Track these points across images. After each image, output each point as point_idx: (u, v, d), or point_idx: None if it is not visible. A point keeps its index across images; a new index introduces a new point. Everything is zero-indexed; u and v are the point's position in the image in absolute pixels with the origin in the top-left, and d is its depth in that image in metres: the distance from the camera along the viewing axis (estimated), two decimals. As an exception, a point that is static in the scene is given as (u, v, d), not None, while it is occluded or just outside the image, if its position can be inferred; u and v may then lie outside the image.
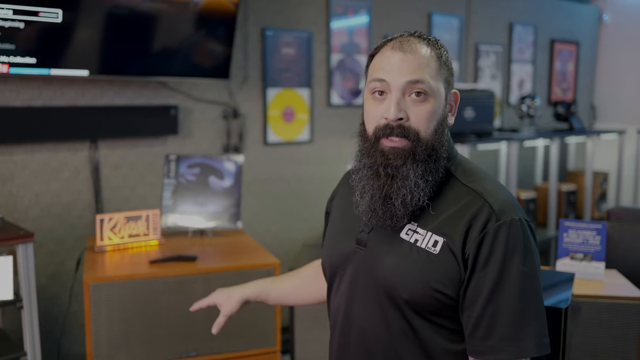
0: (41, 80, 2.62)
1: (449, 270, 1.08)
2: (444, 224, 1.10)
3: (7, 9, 2.27)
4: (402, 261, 1.11)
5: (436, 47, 1.14)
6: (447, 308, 1.10)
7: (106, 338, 1.92)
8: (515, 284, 1.05)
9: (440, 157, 1.12)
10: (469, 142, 3.56)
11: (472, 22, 4.36)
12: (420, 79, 1.09)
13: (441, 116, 1.13)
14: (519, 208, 1.10)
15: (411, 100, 1.10)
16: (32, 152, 2.64)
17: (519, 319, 1.05)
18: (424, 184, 1.10)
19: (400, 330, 1.12)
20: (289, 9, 3.41)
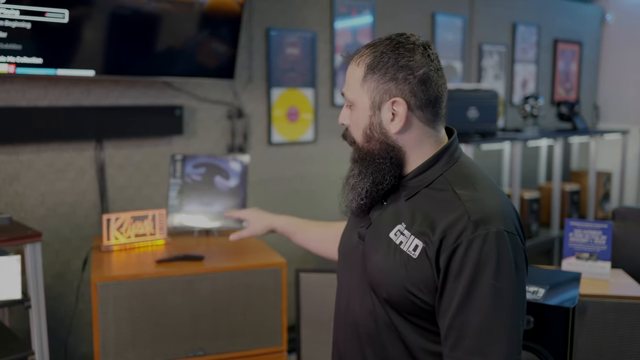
0: (47, 80, 2.62)
1: (425, 276, 1.10)
2: (426, 229, 1.11)
3: (13, 9, 2.28)
4: (385, 261, 1.15)
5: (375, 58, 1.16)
6: (423, 311, 1.12)
7: (114, 337, 1.92)
8: (484, 299, 1.05)
9: (376, 161, 1.18)
10: (472, 142, 3.56)
11: (476, 22, 4.36)
12: (343, 91, 1.23)
13: (367, 124, 1.19)
14: (503, 219, 1.09)
15: (349, 109, 1.24)
16: (37, 152, 2.64)
17: (486, 334, 1.05)
18: (362, 184, 1.19)
19: (385, 324, 1.17)
20: (293, 9, 3.41)
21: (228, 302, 2.04)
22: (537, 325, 1.54)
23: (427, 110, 1.17)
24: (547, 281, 1.70)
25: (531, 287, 1.64)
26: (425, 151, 1.19)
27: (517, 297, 1.07)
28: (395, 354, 1.16)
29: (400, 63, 1.14)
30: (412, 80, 1.14)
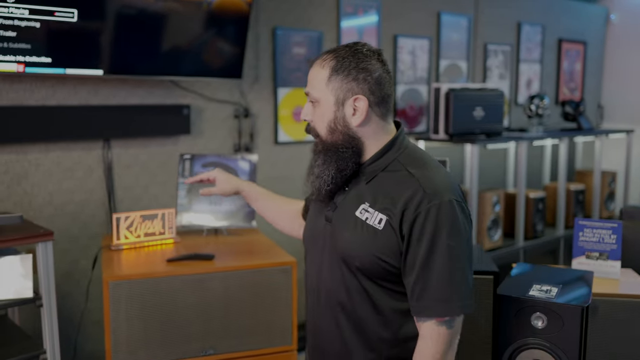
0: (55, 80, 2.63)
1: (391, 243, 1.30)
2: (387, 204, 1.31)
3: (23, 8, 2.28)
4: (354, 236, 1.34)
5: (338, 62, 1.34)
6: (391, 274, 1.32)
7: (125, 336, 1.93)
8: (443, 256, 1.26)
9: (339, 150, 1.36)
10: (478, 141, 3.57)
11: (481, 21, 4.36)
12: (307, 90, 1.39)
13: (332, 119, 1.36)
14: (451, 191, 1.30)
15: (312, 106, 1.40)
16: (46, 151, 2.65)
17: (447, 284, 1.27)
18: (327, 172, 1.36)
19: (356, 291, 1.35)
20: (299, 9, 3.41)
21: (238, 301, 2.05)
22: (550, 324, 1.54)
23: (381, 106, 1.37)
24: (559, 280, 1.70)
25: (544, 285, 1.65)
26: (380, 141, 1.38)
27: (467, 252, 1.30)
28: (365, 314, 1.35)
29: (360, 66, 1.34)
30: (370, 80, 1.34)
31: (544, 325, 1.56)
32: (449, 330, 1.29)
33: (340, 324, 1.39)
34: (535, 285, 1.66)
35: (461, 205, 1.31)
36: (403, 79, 3.95)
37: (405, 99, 3.97)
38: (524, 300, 1.59)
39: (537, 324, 1.57)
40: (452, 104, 3.61)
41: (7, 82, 2.51)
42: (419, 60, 4.01)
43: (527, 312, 1.58)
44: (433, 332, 1.28)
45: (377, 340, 1.36)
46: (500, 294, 1.62)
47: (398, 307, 1.34)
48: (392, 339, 1.36)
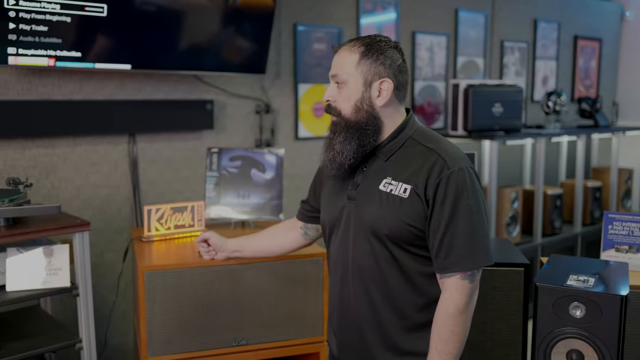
0: (82, 74, 2.65)
1: (416, 209, 1.43)
2: (410, 175, 1.45)
3: (54, 3, 2.31)
4: (381, 207, 1.46)
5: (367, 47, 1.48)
6: (418, 238, 1.45)
7: (159, 326, 1.95)
8: (465, 215, 1.40)
9: (363, 128, 1.48)
10: (497, 137, 3.57)
11: (497, 18, 4.37)
12: (335, 72, 1.51)
13: (359, 98, 1.48)
14: (465, 159, 1.45)
15: (337, 88, 1.51)
16: (73, 145, 2.67)
17: (470, 241, 1.41)
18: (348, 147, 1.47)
19: (385, 258, 1.47)
20: (320, 5, 3.43)
21: (270, 292, 2.07)
22: (589, 313, 1.55)
23: (401, 90, 1.53)
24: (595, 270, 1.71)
25: (580, 276, 1.66)
26: (395, 122, 1.52)
27: (484, 211, 1.45)
28: (394, 281, 1.47)
29: (385, 54, 1.49)
30: (394, 66, 1.50)
31: (583, 315, 1.57)
32: (471, 283, 1.43)
33: (371, 295, 1.50)
34: (572, 276, 1.67)
35: (475, 172, 1.47)
36: (421, 76, 3.96)
37: (423, 96, 3.99)
38: (562, 289, 1.60)
39: (576, 313, 1.58)
40: (471, 100, 3.62)
41: (36, 76, 2.53)
42: (437, 57, 4.03)
43: (565, 301, 1.60)
44: (457, 285, 1.42)
45: (406, 305, 1.48)
46: (537, 283, 1.64)
47: (424, 272, 1.47)
48: (420, 303, 1.48)
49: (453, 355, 1.43)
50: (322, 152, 1.56)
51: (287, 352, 2.11)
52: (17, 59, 2.30)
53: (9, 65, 2.29)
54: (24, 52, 2.30)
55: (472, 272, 1.42)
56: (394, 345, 1.50)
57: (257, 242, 1.94)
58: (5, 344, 1.90)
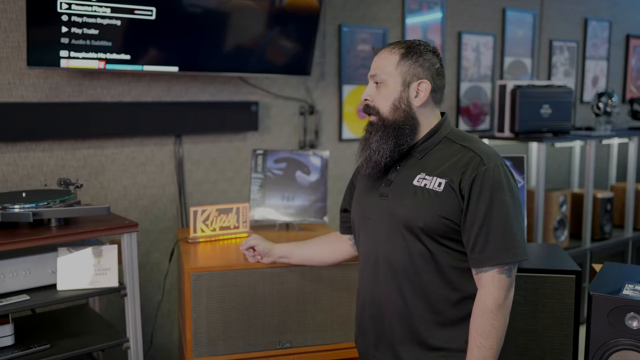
0: (131, 76, 2.69)
1: (451, 202, 1.45)
2: (445, 170, 1.47)
3: (105, 7, 2.35)
4: (416, 200, 1.48)
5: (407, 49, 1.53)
6: (452, 232, 1.46)
7: (205, 327, 1.96)
8: (501, 210, 1.42)
9: (400, 127, 1.51)
10: (545, 140, 3.49)
11: (546, 17, 4.27)
12: (374, 72, 1.55)
13: (397, 97, 1.52)
14: (499, 157, 1.49)
15: (376, 87, 1.55)
16: (121, 146, 2.72)
17: (506, 235, 1.42)
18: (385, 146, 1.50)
19: (419, 253, 1.48)
20: (365, 5, 3.41)
21: (314, 296, 2.06)
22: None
23: (438, 93, 1.57)
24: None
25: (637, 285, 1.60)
26: (431, 123, 1.56)
27: (519, 207, 1.47)
28: (428, 275, 1.48)
29: (424, 56, 1.54)
30: (432, 69, 1.54)
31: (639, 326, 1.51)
32: (509, 277, 1.43)
33: (403, 291, 1.51)
34: (628, 285, 1.61)
35: (509, 169, 1.49)
36: (467, 76, 3.90)
37: (469, 97, 3.92)
38: (617, 299, 1.55)
39: (632, 324, 1.53)
40: (518, 102, 3.55)
41: (87, 78, 2.58)
42: (484, 57, 3.95)
43: (620, 312, 1.54)
44: (495, 280, 1.42)
45: (439, 301, 1.49)
46: (592, 293, 1.58)
47: (458, 266, 1.48)
48: (453, 298, 1.49)
49: (494, 350, 1.44)
50: (359, 151, 1.60)
51: (332, 356, 2.09)
52: (69, 61, 2.35)
53: (61, 67, 2.34)
54: (75, 55, 2.35)
55: (509, 267, 1.43)
56: (424, 341, 1.51)
57: (306, 251, 1.95)
58: (55, 341, 1.94)
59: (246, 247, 2.00)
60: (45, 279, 1.93)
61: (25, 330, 2.01)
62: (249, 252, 2.00)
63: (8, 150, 2.43)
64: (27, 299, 1.83)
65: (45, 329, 2.07)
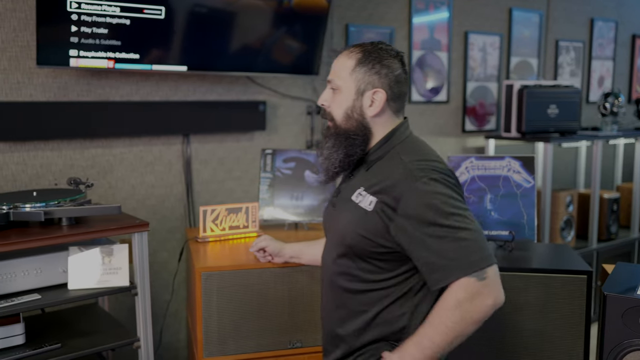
0: (139, 76, 2.69)
1: (378, 223, 1.38)
2: (379, 188, 1.40)
3: (115, 6, 2.35)
4: (349, 217, 1.44)
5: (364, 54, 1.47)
6: (380, 253, 1.40)
7: (216, 326, 1.96)
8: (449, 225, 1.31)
9: (351, 137, 1.45)
10: (553, 140, 3.48)
11: (552, 17, 4.26)
12: (331, 78, 1.50)
13: (350, 106, 1.46)
14: (434, 170, 1.37)
15: (332, 93, 1.50)
16: (129, 146, 2.71)
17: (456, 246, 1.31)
18: (335, 155, 1.46)
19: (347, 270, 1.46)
20: (372, 5, 3.41)
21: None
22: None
23: (397, 102, 1.49)
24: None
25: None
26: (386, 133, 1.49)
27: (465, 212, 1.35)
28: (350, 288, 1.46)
29: (383, 62, 1.45)
30: (391, 77, 1.45)
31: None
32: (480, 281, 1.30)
33: (336, 304, 1.50)
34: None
35: (445, 178, 1.37)
36: (473, 76, 3.89)
37: (475, 97, 3.92)
38: (632, 300, 1.54)
39: (647, 324, 1.52)
40: (525, 102, 3.54)
41: (95, 78, 2.58)
42: (490, 57, 3.95)
43: (635, 312, 1.54)
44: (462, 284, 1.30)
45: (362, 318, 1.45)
46: (606, 293, 1.58)
47: (378, 279, 1.43)
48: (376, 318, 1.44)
49: (435, 345, 1.32)
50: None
51: (341, 356, 2.09)
52: (78, 60, 2.35)
53: (71, 67, 2.34)
54: (84, 54, 2.35)
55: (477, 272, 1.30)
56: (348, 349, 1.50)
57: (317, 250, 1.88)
58: (65, 340, 1.94)
59: (256, 249, 2.00)
60: (56, 278, 1.93)
61: (35, 329, 2.01)
62: (260, 253, 2.00)
63: (17, 150, 2.43)
64: (39, 298, 1.83)
65: (55, 328, 2.06)
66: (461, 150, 3.90)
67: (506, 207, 2.23)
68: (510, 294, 2.00)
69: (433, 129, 3.76)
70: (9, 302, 1.78)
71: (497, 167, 2.25)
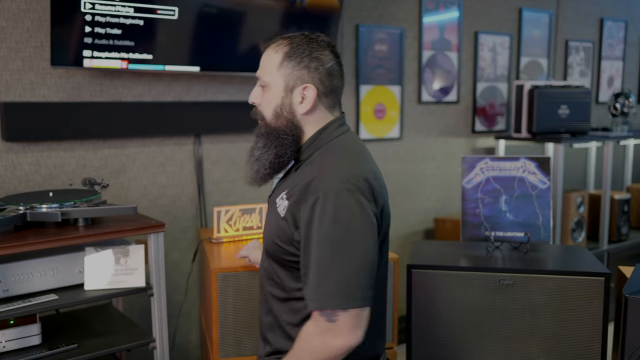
0: (151, 76, 2.69)
1: (284, 229, 1.31)
2: (292, 193, 1.32)
3: (129, 6, 2.35)
4: (269, 221, 1.39)
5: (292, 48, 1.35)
6: (292, 261, 1.33)
7: (232, 327, 1.95)
8: (322, 248, 1.22)
9: (281, 136, 1.35)
10: (563, 140, 3.47)
11: (562, 17, 4.25)
12: (258, 74, 1.40)
13: (278, 104, 1.36)
14: (347, 182, 1.25)
15: (262, 90, 1.40)
16: (142, 146, 2.71)
17: (323, 276, 1.22)
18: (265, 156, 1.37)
19: (270, 274, 1.41)
20: (383, 5, 3.40)
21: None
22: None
23: (330, 97, 1.37)
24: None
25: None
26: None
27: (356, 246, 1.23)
28: (275, 292, 1.40)
29: (313, 55, 1.34)
30: (321, 70, 1.34)
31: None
32: (328, 322, 1.22)
33: (264, 308, 1.45)
34: (663, 287, 1.60)
35: (354, 196, 1.24)
36: (483, 77, 3.88)
37: (485, 97, 3.91)
38: (654, 302, 1.54)
39: (669, 327, 1.52)
40: (536, 102, 3.53)
41: (108, 78, 2.58)
42: (500, 57, 3.94)
43: (656, 314, 1.53)
44: (315, 319, 1.25)
45: (286, 325, 1.38)
46: (627, 295, 1.57)
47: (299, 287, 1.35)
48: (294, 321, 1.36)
49: None
50: None
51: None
52: (92, 61, 2.35)
53: (85, 67, 2.34)
54: (98, 54, 2.35)
55: (330, 311, 1.21)
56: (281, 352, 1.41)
57: None
58: (81, 341, 1.94)
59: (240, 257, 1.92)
60: (72, 278, 1.93)
61: (51, 329, 2.01)
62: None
63: (30, 150, 2.43)
64: (56, 299, 1.83)
65: (70, 328, 2.06)
66: (471, 150, 3.90)
67: (521, 208, 2.22)
68: (527, 296, 2.00)
69: (443, 129, 3.76)
70: (27, 302, 1.78)
71: (512, 168, 2.24)
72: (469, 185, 2.28)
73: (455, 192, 3.81)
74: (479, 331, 2.05)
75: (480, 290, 2.03)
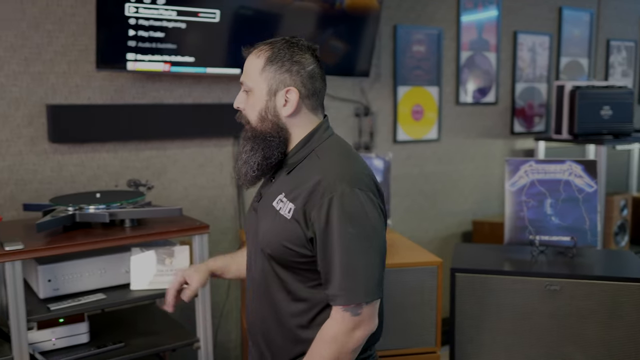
0: (192, 79, 2.72)
1: (296, 232, 1.32)
2: (297, 195, 1.33)
3: (172, 10, 2.37)
4: (269, 225, 1.38)
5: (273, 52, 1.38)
6: (302, 262, 1.34)
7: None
8: (342, 245, 1.26)
9: (267, 139, 1.37)
10: (606, 142, 3.40)
11: (603, 16, 4.17)
12: (242, 80, 1.43)
13: (263, 108, 1.38)
14: (355, 181, 1.30)
15: (246, 95, 1.42)
16: (182, 147, 2.74)
17: (347, 273, 1.26)
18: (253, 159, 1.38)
19: (272, 279, 1.39)
20: (420, 6, 3.38)
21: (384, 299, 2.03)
22: None
23: (312, 99, 1.40)
24: None
25: None
26: (306, 133, 1.41)
27: (373, 241, 1.29)
28: (280, 298, 1.39)
29: (294, 59, 1.37)
30: (303, 73, 1.37)
31: None
32: (353, 317, 1.29)
33: (263, 311, 1.44)
34: None
35: (365, 194, 1.30)
36: (522, 77, 3.83)
37: (524, 98, 3.85)
38: None
39: None
40: (577, 103, 3.46)
41: (150, 80, 2.62)
42: (539, 58, 3.88)
43: None
44: (338, 315, 1.30)
45: (294, 328, 1.39)
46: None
47: (312, 295, 1.37)
48: (307, 327, 1.38)
49: None
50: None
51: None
52: (135, 64, 2.38)
53: (128, 70, 2.38)
54: (142, 57, 2.38)
55: (354, 306, 1.28)
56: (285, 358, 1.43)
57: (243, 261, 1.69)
58: (126, 340, 1.97)
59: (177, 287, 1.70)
60: (119, 278, 1.96)
61: (97, 328, 2.05)
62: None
63: (76, 151, 2.48)
64: (104, 298, 1.86)
65: (116, 327, 2.10)
66: (510, 152, 3.84)
67: (567, 212, 2.18)
68: (574, 302, 1.96)
69: (481, 130, 3.71)
70: (77, 301, 1.81)
71: (558, 171, 2.20)
72: (513, 188, 2.25)
73: (493, 194, 3.76)
74: (523, 336, 2.02)
75: (526, 295, 2.00)
